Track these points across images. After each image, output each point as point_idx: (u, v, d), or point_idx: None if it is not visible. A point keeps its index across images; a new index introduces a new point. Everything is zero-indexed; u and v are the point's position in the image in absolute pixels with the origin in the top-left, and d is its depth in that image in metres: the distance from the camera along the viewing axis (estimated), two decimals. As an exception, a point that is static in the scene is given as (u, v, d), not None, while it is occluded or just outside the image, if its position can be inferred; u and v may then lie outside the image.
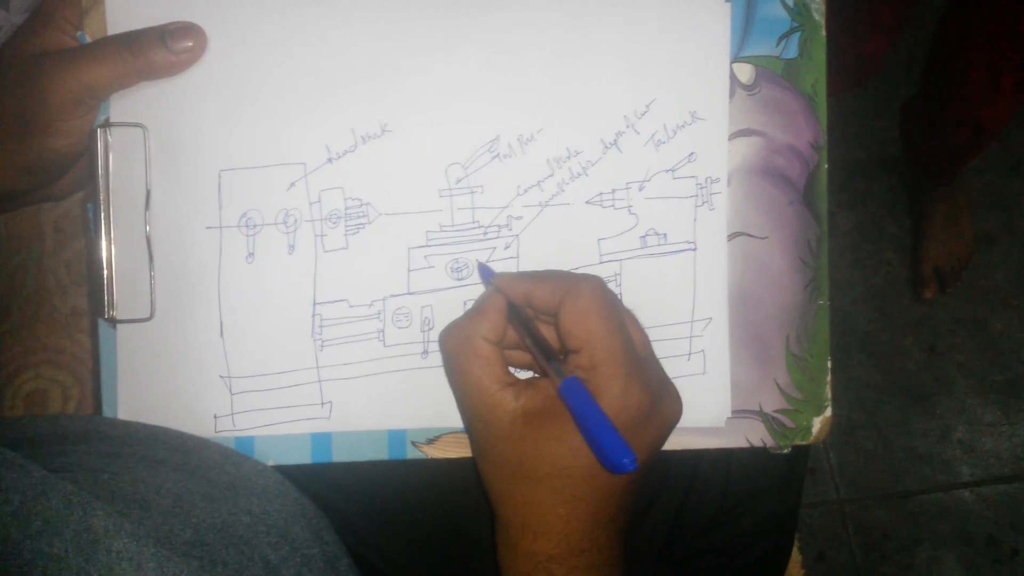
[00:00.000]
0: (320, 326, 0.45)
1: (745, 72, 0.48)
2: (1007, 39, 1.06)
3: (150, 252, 0.44)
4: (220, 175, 0.44)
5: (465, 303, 0.46)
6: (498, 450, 0.40)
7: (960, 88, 1.16)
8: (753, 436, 0.49)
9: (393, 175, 0.45)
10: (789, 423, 0.49)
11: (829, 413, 0.50)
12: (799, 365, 0.49)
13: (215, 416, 0.45)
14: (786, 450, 0.49)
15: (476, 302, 0.44)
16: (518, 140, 0.46)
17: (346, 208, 0.45)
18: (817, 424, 0.50)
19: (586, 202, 0.47)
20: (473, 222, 0.46)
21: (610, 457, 0.36)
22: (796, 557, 0.67)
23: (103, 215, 0.43)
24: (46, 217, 0.57)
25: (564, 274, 0.43)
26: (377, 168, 0.45)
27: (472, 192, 0.46)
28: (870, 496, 1.40)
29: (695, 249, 0.48)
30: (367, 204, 0.45)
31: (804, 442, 0.50)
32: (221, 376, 0.45)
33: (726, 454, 0.50)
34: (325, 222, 0.45)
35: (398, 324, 0.46)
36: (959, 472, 1.41)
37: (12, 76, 0.41)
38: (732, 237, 0.48)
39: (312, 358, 0.45)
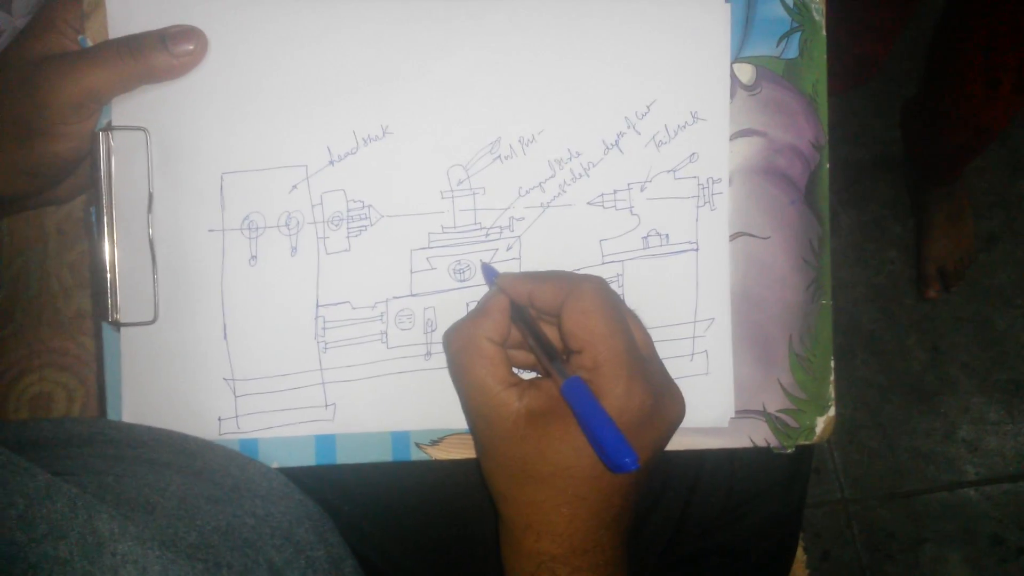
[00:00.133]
0: (323, 328, 0.45)
1: (746, 72, 0.48)
2: (1006, 40, 1.06)
3: (153, 255, 0.44)
4: (222, 178, 0.44)
5: (468, 304, 0.46)
6: (501, 450, 0.40)
7: (959, 89, 1.16)
8: (757, 436, 0.49)
9: (395, 177, 0.45)
10: (793, 423, 0.49)
11: (833, 413, 0.50)
12: (802, 365, 0.49)
13: (219, 418, 0.45)
14: (790, 450, 0.49)
15: (479, 302, 0.44)
16: (519, 141, 0.46)
17: (348, 210, 0.45)
18: (821, 424, 0.50)
19: (588, 203, 0.47)
20: (475, 223, 0.46)
21: (612, 457, 0.36)
22: (801, 557, 0.66)
23: (106, 218, 0.43)
24: (49, 220, 0.57)
25: (566, 274, 0.43)
26: (379, 170, 0.45)
27: (474, 193, 0.46)
28: (874, 495, 1.40)
29: (697, 249, 0.48)
30: (369, 206, 0.45)
31: (808, 442, 0.49)
32: (225, 378, 0.45)
33: (730, 454, 0.50)
34: (327, 224, 0.45)
35: (401, 326, 0.46)
36: (964, 471, 1.40)
37: (14, 80, 0.41)
38: (734, 237, 0.48)
39: (315, 360, 0.45)
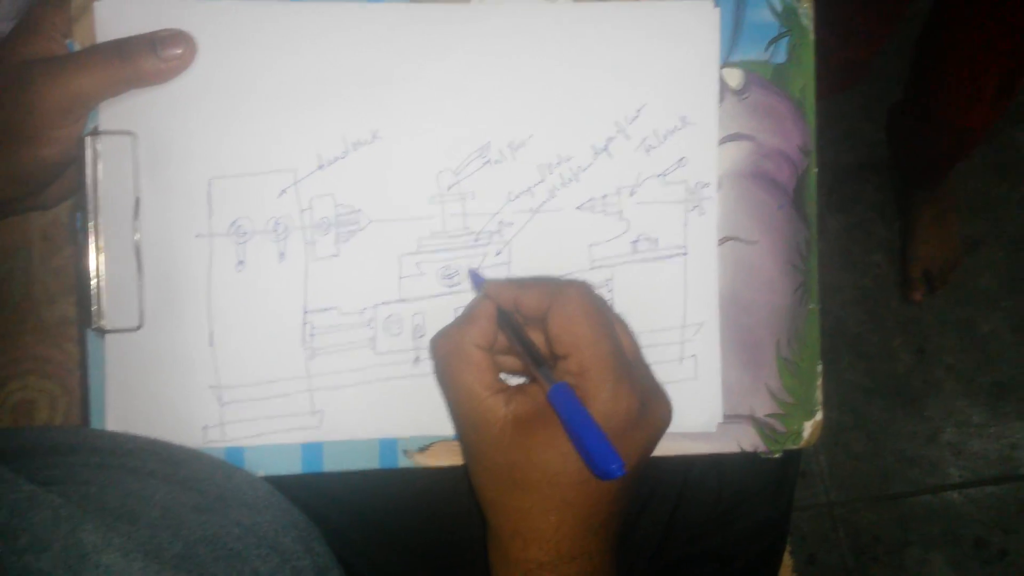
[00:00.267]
0: (311, 334, 0.45)
1: (734, 77, 0.48)
2: (989, 46, 1.07)
3: (139, 261, 0.43)
4: (210, 183, 0.44)
5: (456, 310, 0.46)
6: (488, 456, 0.40)
7: (944, 94, 1.17)
8: (745, 441, 0.49)
9: (384, 182, 0.45)
10: (780, 427, 0.49)
11: (820, 417, 0.50)
12: (790, 369, 0.49)
13: (204, 427, 0.45)
14: (777, 454, 0.50)
15: (466, 308, 0.44)
16: (509, 146, 0.46)
17: (337, 215, 0.45)
18: (808, 428, 0.50)
19: (577, 208, 0.47)
20: (464, 228, 0.46)
21: (598, 463, 0.36)
22: (787, 560, 0.66)
23: (92, 224, 0.43)
24: (34, 225, 0.56)
25: (552, 280, 0.43)
26: (368, 175, 0.45)
27: (463, 198, 0.46)
28: (860, 498, 1.41)
29: (686, 254, 0.48)
30: (358, 211, 0.45)
31: (796, 446, 0.50)
32: (211, 386, 0.45)
33: (718, 459, 0.50)
34: (316, 229, 0.45)
35: (389, 331, 0.46)
36: (948, 474, 1.41)
37: (0, 84, 0.41)
38: (723, 241, 0.49)
39: (303, 367, 0.45)
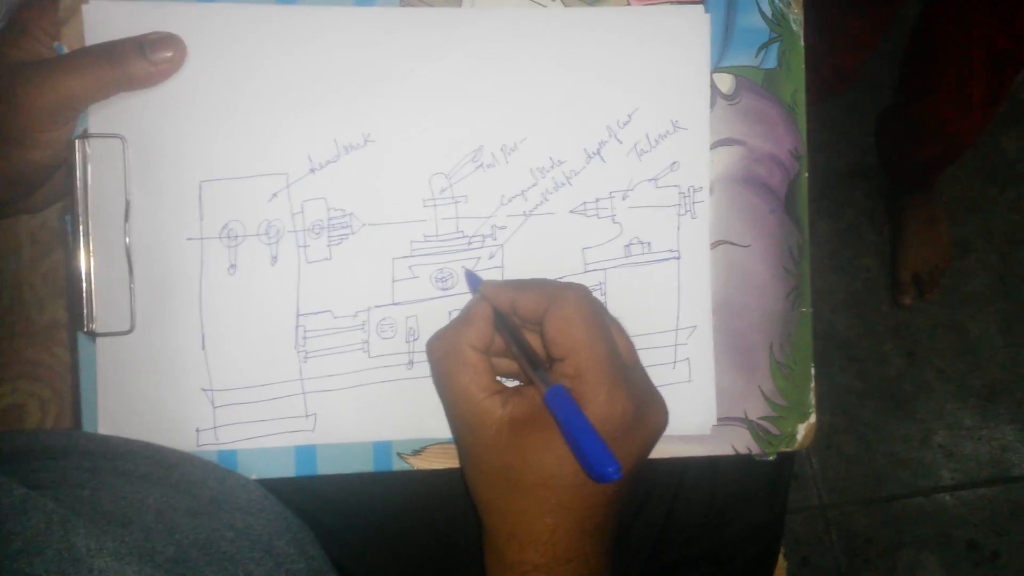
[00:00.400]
0: (304, 337, 0.45)
1: (725, 82, 0.48)
2: (978, 52, 1.08)
3: (130, 264, 0.43)
4: (201, 186, 0.44)
5: (450, 313, 0.46)
6: (485, 458, 0.40)
7: (932, 101, 1.18)
8: (739, 443, 0.49)
9: (376, 185, 0.45)
10: (774, 430, 0.49)
11: (813, 420, 0.50)
12: (783, 372, 0.49)
13: (197, 429, 0.44)
14: (772, 457, 0.50)
15: (463, 310, 0.44)
16: (501, 150, 0.46)
17: (329, 218, 0.45)
18: (802, 431, 0.50)
19: (570, 211, 0.47)
20: (457, 232, 0.46)
21: (594, 466, 0.36)
22: (780, 563, 0.67)
23: (82, 227, 0.43)
24: (22, 229, 0.56)
25: (549, 282, 0.43)
26: (360, 178, 0.45)
27: (456, 202, 0.46)
28: (852, 501, 1.41)
29: (679, 257, 0.48)
30: (350, 214, 0.45)
31: (789, 449, 0.50)
32: (203, 389, 0.44)
33: (712, 461, 0.51)
34: (308, 233, 0.45)
35: (383, 335, 0.46)
36: (940, 476, 1.42)
37: (-11, 87, 0.41)
38: (715, 245, 0.49)
39: (296, 370, 0.45)
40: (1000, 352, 1.46)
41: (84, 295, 0.43)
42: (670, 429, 0.42)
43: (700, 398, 0.49)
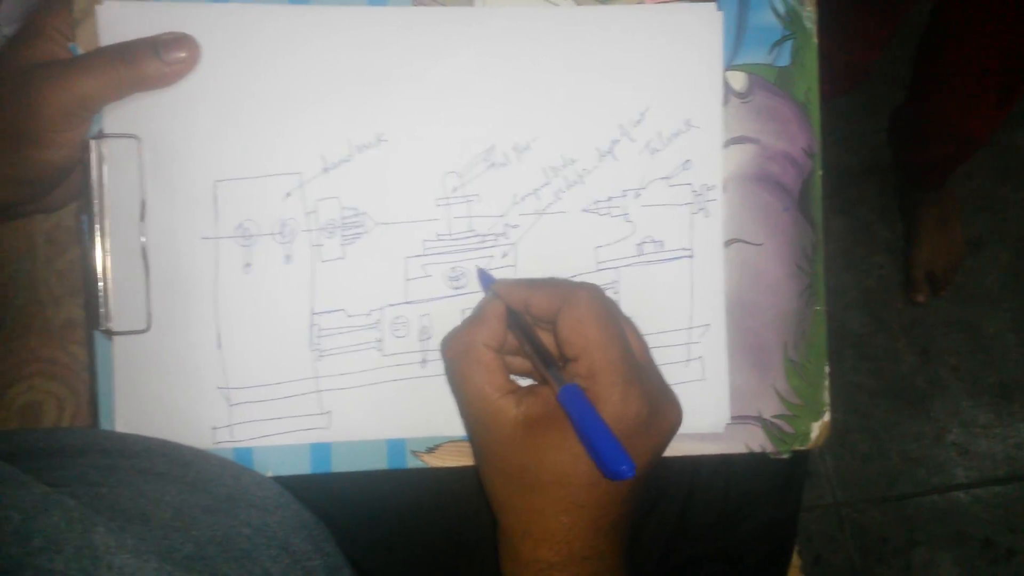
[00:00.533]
0: (318, 336, 0.45)
1: (738, 80, 0.48)
2: (991, 51, 1.07)
3: (146, 263, 0.44)
4: (215, 185, 0.44)
5: (463, 312, 0.46)
6: (499, 457, 0.40)
7: (945, 100, 1.17)
8: (753, 442, 0.49)
9: (389, 184, 0.45)
10: (788, 428, 0.49)
11: (827, 418, 0.50)
12: (797, 371, 0.49)
13: (213, 427, 0.45)
14: (786, 455, 0.49)
15: (475, 309, 0.44)
16: (513, 149, 0.46)
17: (342, 218, 0.45)
18: (816, 429, 0.50)
19: (583, 210, 0.47)
20: (470, 231, 0.46)
21: (608, 464, 0.36)
22: (793, 561, 0.67)
23: (98, 227, 0.43)
24: (38, 228, 0.56)
25: (562, 282, 0.43)
26: (373, 177, 0.45)
27: (468, 201, 0.46)
28: (866, 499, 1.40)
29: (692, 256, 0.48)
30: (363, 214, 0.45)
31: (803, 447, 0.50)
32: (219, 387, 0.45)
33: (726, 460, 0.50)
34: (321, 232, 0.45)
35: (396, 333, 0.46)
36: (954, 474, 1.41)
37: (5, 88, 0.41)
38: (728, 244, 0.49)
39: (310, 368, 0.45)
40: (1014, 349, 1.45)
41: (100, 294, 0.43)
42: (684, 427, 0.42)
43: (713, 397, 0.48)
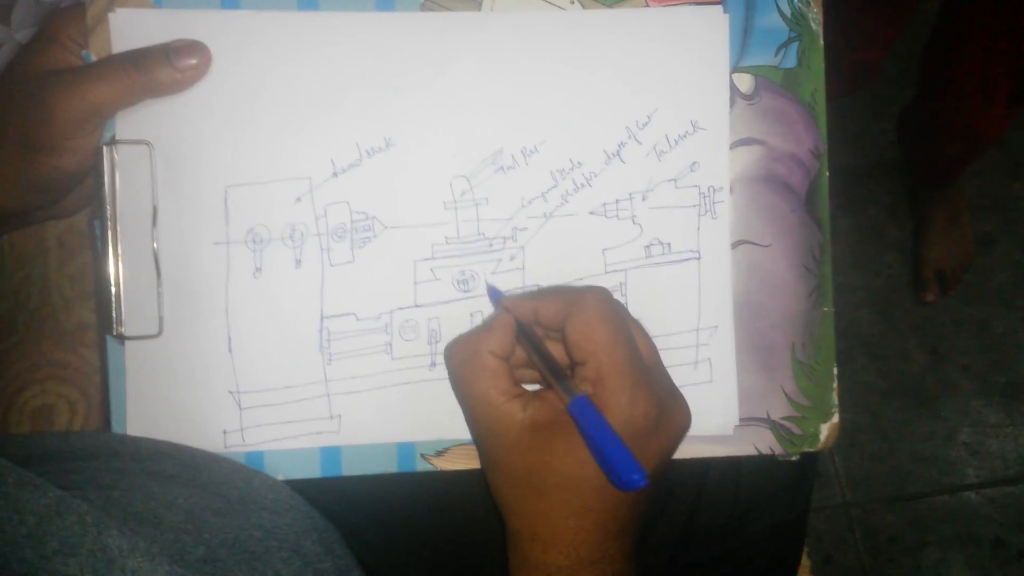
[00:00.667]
0: (328, 340, 0.45)
1: (745, 82, 0.48)
2: (1000, 50, 1.06)
3: (158, 268, 0.44)
4: (226, 191, 0.44)
5: (472, 315, 0.46)
6: (506, 461, 0.40)
7: (954, 99, 1.17)
8: (761, 444, 0.49)
9: (398, 188, 0.46)
10: (797, 430, 0.49)
11: (836, 419, 0.50)
12: (805, 372, 0.49)
13: (224, 431, 0.45)
14: (795, 457, 0.49)
15: (485, 320, 0.44)
16: (521, 152, 0.46)
17: (352, 222, 0.45)
18: (825, 431, 0.50)
19: (590, 213, 0.47)
20: (478, 234, 0.46)
21: (620, 474, 0.36)
22: (804, 562, 0.66)
23: (110, 232, 0.43)
24: (50, 232, 0.57)
25: (570, 288, 0.43)
26: (382, 182, 0.45)
27: (477, 204, 0.46)
28: (876, 499, 1.40)
29: (699, 258, 0.48)
30: (373, 218, 0.46)
31: (812, 449, 0.50)
32: (230, 391, 0.45)
33: (735, 462, 0.51)
34: (331, 236, 0.45)
35: (405, 337, 0.46)
36: (965, 474, 1.41)
37: (18, 95, 0.41)
38: (736, 245, 0.49)
39: (320, 372, 0.45)
40: (1025, 348, 1.44)
41: (113, 299, 0.44)
42: (692, 429, 0.42)
43: (722, 398, 0.49)
